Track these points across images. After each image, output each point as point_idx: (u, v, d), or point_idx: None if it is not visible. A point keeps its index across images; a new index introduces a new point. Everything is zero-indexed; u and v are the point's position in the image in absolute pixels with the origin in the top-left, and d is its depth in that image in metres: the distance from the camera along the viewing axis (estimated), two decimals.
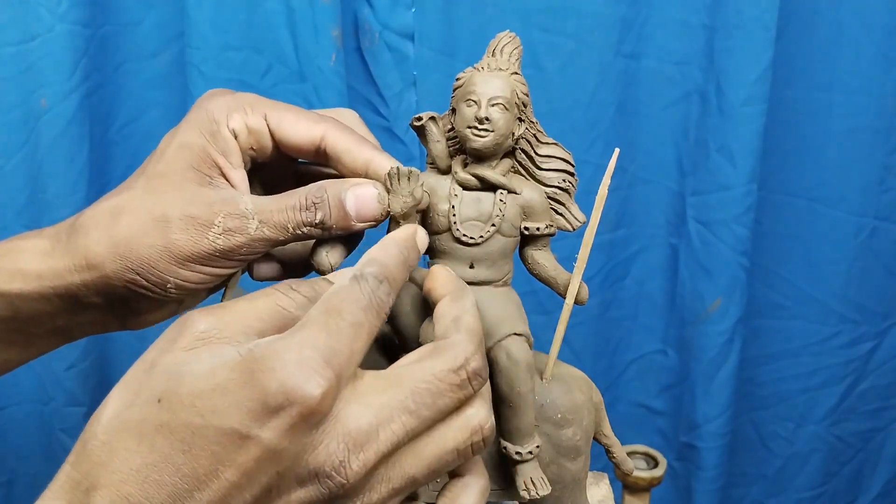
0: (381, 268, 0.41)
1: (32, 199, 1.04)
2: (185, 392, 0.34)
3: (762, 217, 1.09)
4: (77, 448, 0.36)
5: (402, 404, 0.37)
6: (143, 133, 1.08)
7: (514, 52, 0.52)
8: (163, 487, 0.33)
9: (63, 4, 0.96)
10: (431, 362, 0.38)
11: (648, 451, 0.93)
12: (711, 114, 1.04)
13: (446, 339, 0.40)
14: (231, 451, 0.34)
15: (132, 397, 0.36)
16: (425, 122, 0.52)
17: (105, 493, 0.33)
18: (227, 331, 0.37)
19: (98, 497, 0.33)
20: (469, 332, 0.40)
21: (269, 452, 0.34)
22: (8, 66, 0.99)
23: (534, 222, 0.52)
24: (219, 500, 0.34)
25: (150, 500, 0.33)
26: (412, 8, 1.03)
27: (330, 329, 0.36)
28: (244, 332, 0.37)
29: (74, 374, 1.08)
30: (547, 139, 0.53)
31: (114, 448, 0.34)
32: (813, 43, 1.04)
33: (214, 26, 1.00)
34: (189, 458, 0.34)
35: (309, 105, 1.03)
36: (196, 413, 0.34)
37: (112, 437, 0.35)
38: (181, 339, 0.37)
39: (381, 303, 0.39)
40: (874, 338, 1.13)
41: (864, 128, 1.05)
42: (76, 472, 0.35)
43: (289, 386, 0.34)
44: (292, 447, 0.34)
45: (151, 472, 0.34)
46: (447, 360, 0.38)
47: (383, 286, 0.40)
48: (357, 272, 0.40)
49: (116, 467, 0.34)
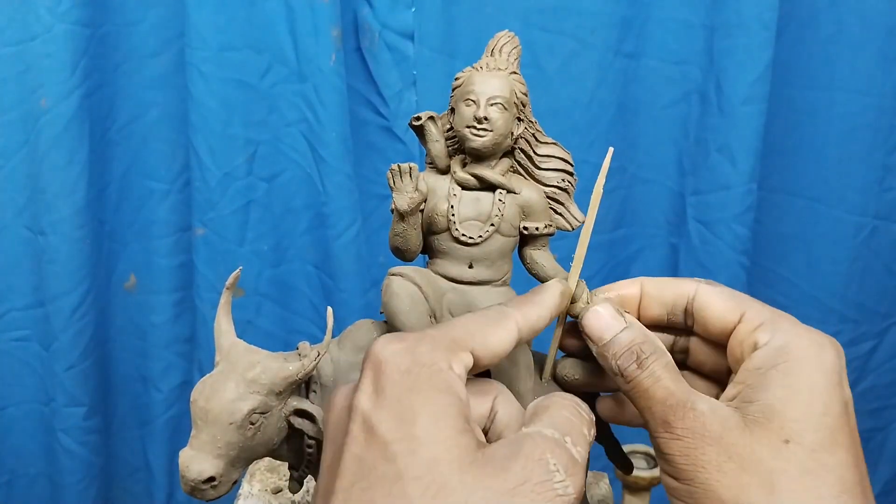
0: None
1: (32, 199, 1.04)
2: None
3: (762, 216, 1.09)
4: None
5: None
6: (143, 133, 1.08)
7: (513, 52, 0.52)
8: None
9: (63, 4, 0.96)
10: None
11: (648, 451, 0.93)
12: (711, 113, 1.04)
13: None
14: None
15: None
16: (424, 121, 0.52)
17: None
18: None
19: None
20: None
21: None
22: (8, 66, 1.00)
23: (533, 222, 0.52)
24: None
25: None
26: (412, 8, 1.03)
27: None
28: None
29: (74, 374, 1.08)
30: (546, 139, 0.53)
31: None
32: (813, 43, 1.04)
33: (214, 26, 1.00)
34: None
35: (309, 105, 1.04)
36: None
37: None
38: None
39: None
40: (874, 337, 1.13)
41: (864, 127, 1.05)
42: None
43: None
44: None
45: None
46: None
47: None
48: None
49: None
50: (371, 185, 1.10)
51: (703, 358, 0.48)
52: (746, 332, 0.43)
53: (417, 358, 0.36)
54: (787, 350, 0.40)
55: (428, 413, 0.34)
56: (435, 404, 0.35)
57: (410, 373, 0.35)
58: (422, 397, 0.35)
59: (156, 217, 1.11)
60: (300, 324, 1.16)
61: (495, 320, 0.40)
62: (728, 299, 0.45)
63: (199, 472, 0.49)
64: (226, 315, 0.54)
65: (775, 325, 0.42)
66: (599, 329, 0.44)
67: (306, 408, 0.52)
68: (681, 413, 0.40)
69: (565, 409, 0.39)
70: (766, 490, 0.37)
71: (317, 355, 0.52)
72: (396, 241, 0.53)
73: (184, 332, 1.16)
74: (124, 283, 1.14)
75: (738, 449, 0.38)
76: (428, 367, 0.36)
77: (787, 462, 0.38)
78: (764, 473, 0.38)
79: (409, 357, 0.36)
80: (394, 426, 0.34)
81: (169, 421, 1.19)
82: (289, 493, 0.68)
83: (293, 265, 1.13)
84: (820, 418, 0.39)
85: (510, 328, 0.41)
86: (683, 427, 0.40)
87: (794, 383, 0.39)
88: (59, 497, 1.15)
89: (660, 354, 0.43)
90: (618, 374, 0.43)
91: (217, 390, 0.50)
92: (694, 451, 0.39)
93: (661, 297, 0.47)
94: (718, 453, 0.39)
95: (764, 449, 0.38)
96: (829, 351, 0.40)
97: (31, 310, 1.09)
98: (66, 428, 1.10)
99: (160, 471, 1.21)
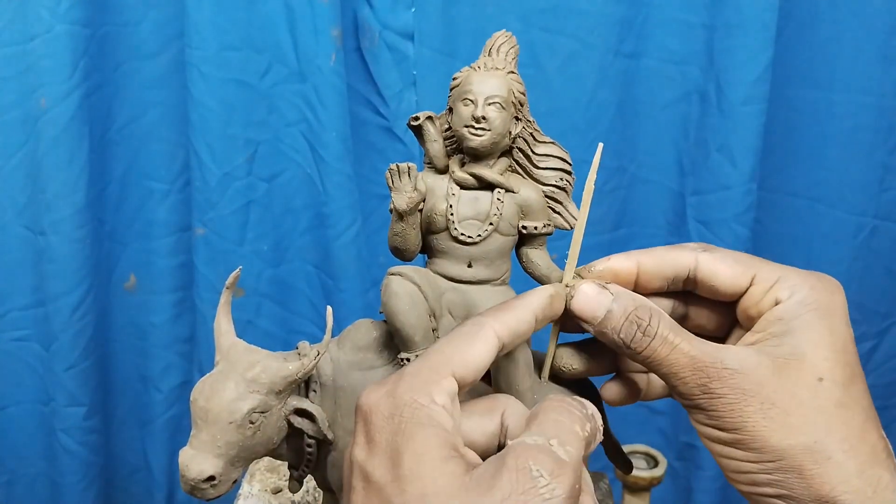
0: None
1: (32, 199, 1.04)
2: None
3: (762, 216, 1.09)
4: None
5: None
6: (143, 133, 1.08)
7: (511, 52, 0.52)
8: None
9: (63, 4, 0.96)
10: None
11: (648, 451, 0.93)
12: (711, 113, 1.04)
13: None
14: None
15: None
16: (422, 121, 0.52)
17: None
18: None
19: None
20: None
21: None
22: (8, 66, 1.00)
23: (531, 221, 0.52)
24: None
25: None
26: (412, 8, 1.03)
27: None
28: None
29: (74, 374, 1.08)
30: (544, 138, 0.53)
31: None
32: (813, 43, 1.04)
33: (214, 26, 1.00)
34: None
35: (309, 105, 1.04)
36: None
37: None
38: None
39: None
40: (874, 337, 1.13)
41: (864, 127, 1.05)
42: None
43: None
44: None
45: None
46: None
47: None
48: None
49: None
50: (371, 185, 1.10)
51: (704, 321, 0.50)
52: (762, 292, 0.45)
53: (397, 400, 0.37)
54: (808, 302, 0.43)
55: (411, 451, 0.36)
56: (417, 441, 0.36)
57: (394, 416, 0.37)
58: (405, 437, 0.36)
59: (156, 217, 1.11)
60: (300, 324, 1.16)
61: (471, 336, 0.41)
62: (734, 264, 0.46)
63: (199, 471, 0.49)
64: (226, 315, 0.54)
65: (789, 281, 0.44)
66: (590, 309, 0.45)
67: (306, 407, 0.52)
68: (715, 375, 0.41)
69: (553, 412, 0.39)
70: (810, 428, 0.40)
71: (316, 355, 0.52)
72: (395, 241, 0.53)
73: (184, 332, 1.16)
74: (124, 283, 1.14)
75: (779, 394, 0.41)
76: (409, 406, 0.37)
77: (825, 399, 0.41)
78: (806, 413, 0.41)
79: (390, 401, 0.37)
80: (385, 471, 0.36)
81: (169, 421, 1.19)
82: (289, 493, 0.68)
83: (293, 265, 1.13)
84: (842, 355, 0.42)
85: (488, 339, 0.41)
86: (723, 387, 0.41)
87: (819, 328, 0.42)
88: (59, 497, 1.15)
89: (657, 315, 0.44)
90: (625, 346, 0.44)
91: (217, 390, 0.50)
92: (738, 405, 0.41)
93: (660, 272, 0.48)
94: (762, 402, 0.41)
95: (802, 390, 0.41)
96: (838, 294, 0.44)
97: (31, 310, 1.09)
98: (66, 428, 1.10)
99: (160, 471, 1.21)
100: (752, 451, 0.41)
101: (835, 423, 0.41)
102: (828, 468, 0.40)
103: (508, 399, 0.42)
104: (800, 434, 0.40)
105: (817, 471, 0.40)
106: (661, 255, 0.48)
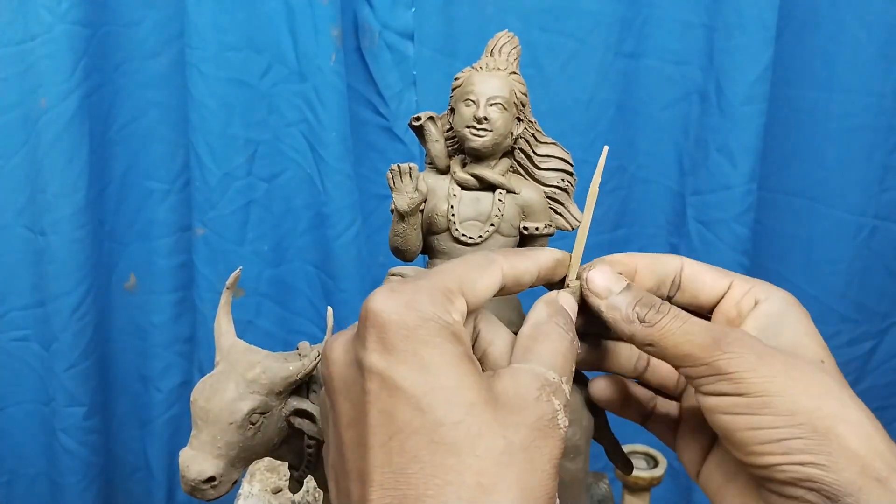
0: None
1: (32, 199, 1.04)
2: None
3: (762, 216, 1.09)
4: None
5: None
6: (143, 133, 1.08)
7: (513, 52, 0.52)
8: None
9: (63, 4, 0.96)
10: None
11: (648, 451, 0.93)
12: (711, 113, 1.04)
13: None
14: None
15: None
16: (424, 121, 0.52)
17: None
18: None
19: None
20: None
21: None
22: (8, 66, 1.00)
23: (533, 222, 0.52)
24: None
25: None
26: (412, 8, 1.03)
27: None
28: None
29: (74, 374, 1.08)
30: (545, 139, 0.53)
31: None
32: (813, 43, 1.04)
33: (214, 26, 1.00)
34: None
35: (309, 105, 1.04)
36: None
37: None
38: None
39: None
40: (874, 337, 1.13)
41: (863, 127, 1.05)
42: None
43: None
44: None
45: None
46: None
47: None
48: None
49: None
50: (371, 185, 1.10)
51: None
52: (739, 295, 0.46)
53: (422, 313, 0.37)
54: (790, 301, 0.44)
55: (448, 363, 0.36)
56: (451, 354, 0.37)
57: (420, 328, 0.37)
58: (438, 351, 0.37)
59: (156, 217, 1.11)
60: (300, 324, 1.16)
61: (483, 267, 0.42)
62: (714, 271, 0.48)
63: (200, 471, 0.49)
64: (226, 315, 0.54)
65: (763, 287, 0.46)
66: (606, 284, 0.46)
67: (306, 408, 0.52)
68: (735, 337, 0.41)
69: (560, 344, 0.41)
70: (830, 396, 0.40)
71: (317, 355, 0.52)
72: (396, 242, 0.53)
73: (184, 332, 1.16)
74: (124, 283, 1.14)
75: (795, 361, 0.41)
76: (434, 321, 0.37)
77: (830, 376, 0.41)
78: (822, 384, 0.40)
79: (413, 313, 0.37)
80: (419, 380, 0.36)
81: (169, 421, 1.19)
82: (289, 493, 0.68)
83: (293, 265, 1.13)
84: (825, 351, 0.43)
85: (495, 274, 0.42)
86: (743, 347, 0.41)
87: (807, 323, 0.44)
88: (59, 497, 1.15)
89: (667, 305, 0.45)
90: (636, 320, 0.44)
91: (217, 390, 0.50)
92: (762, 366, 0.40)
93: (653, 273, 0.49)
94: (784, 362, 0.40)
95: (810, 366, 0.41)
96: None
97: (31, 310, 1.09)
98: (66, 428, 1.10)
99: (160, 471, 1.21)
100: (782, 414, 0.39)
101: (845, 398, 0.40)
102: (859, 432, 0.39)
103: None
104: (825, 398, 0.39)
105: (848, 433, 0.38)
106: (654, 258, 0.49)
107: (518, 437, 0.36)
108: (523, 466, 0.35)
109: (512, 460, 0.35)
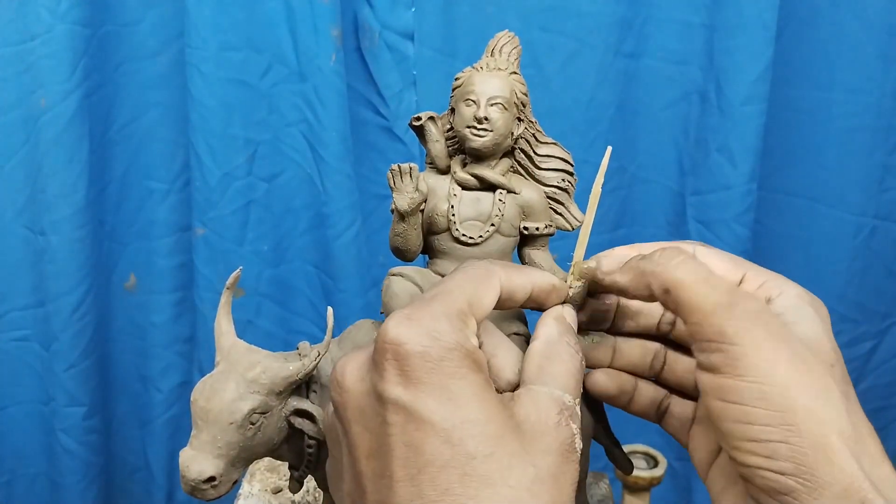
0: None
1: (32, 198, 1.04)
2: None
3: (762, 217, 1.09)
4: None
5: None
6: (143, 133, 1.08)
7: (513, 52, 0.52)
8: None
9: (63, 4, 0.96)
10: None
11: (648, 451, 0.93)
12: (711, 113, 1.04)
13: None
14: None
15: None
16: (424, 121, 0.52)
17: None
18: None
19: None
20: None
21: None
22: (8, 66, 1.00)
23: (533, 222, 0.52)
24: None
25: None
26: (412, 8, 1.03)
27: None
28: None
29: (74, 374, 1.08)
30: (546, 139, 0.53)
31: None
32: (813, 42, 1.04)
33: (214, 26, 1.00)
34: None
35: (309, 105, 1.03)
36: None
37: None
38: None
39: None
40: (874, 337, 1.13)
41: (863, 127, 1.05)
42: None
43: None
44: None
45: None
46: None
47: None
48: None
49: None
50: (371, 185, 1.10)
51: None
52: (752, 288, 0.44)
53: (445, 343, 0.37)
54: (804, 298, 0.44)
55: (474, 395, 0.36)
56: (476, 385, 0.37)
57: (444, 360, 0.36)
58: (465, 382, 0.36)
59: (156, 217, 1.11)
60: (300, 324, 1.16)
61: (484, 279, 0.41)
62: (727, 260, 0.47)
63: (200, 471, 0.49)
64: (226, 315, 0.54)
65: (777, 282, 0.44)
66: (621, 255, 0.45)
67: (306, 408, 0.52)
68: (753, 304, 0.40)
69: (572, 365, 0.41)
70: (831, 405, 0.38)
71: (317, 355, 0.52)
72: (397, 242, 0.53)
73: (184, 332, 1.16)
74: (124, 283, 1.14)
75: (804, 356, 0.39)
76: (457, 350, 0.37)
77: (835, 382, 0.39)
78: (824, 389, 0.38)
79: (436, 343, 0.37)
80: (448, 414, 0.35)
81: (169, 421, 1.19)
82: (289, 493, 0.68)
83: (293, 265, 1.13)
84: (839, 356, 0.42)
85: (497, 287, 0.42)
86: (757, 318, 0.39)
87: (817, 325, 0.42)
88: (59, 497, 1.15)
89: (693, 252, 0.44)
90: (659, 263, 0.42)
91: (217, 390, 0.50)
92: (767, 349, 0.38)
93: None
94: (793, 353, 0.38)
95: (819, 366, 0.39)
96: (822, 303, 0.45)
97: (31, 310, 1.09)
98: (65, 428, 1.10)
99: (160, 471, 1.21)
100: (776, 410, 0.37)
101: (847, 409, 0.38)
102: (853, 448, 0.36)
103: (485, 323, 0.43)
104: (825, 403, 0.37)
105: (840, 447, 0.36)
106: (665, 244, 0.47)
107: (545, 464, 0.36)
108: (552, 493, 0.36)
109: (542, 489, 0.35)
